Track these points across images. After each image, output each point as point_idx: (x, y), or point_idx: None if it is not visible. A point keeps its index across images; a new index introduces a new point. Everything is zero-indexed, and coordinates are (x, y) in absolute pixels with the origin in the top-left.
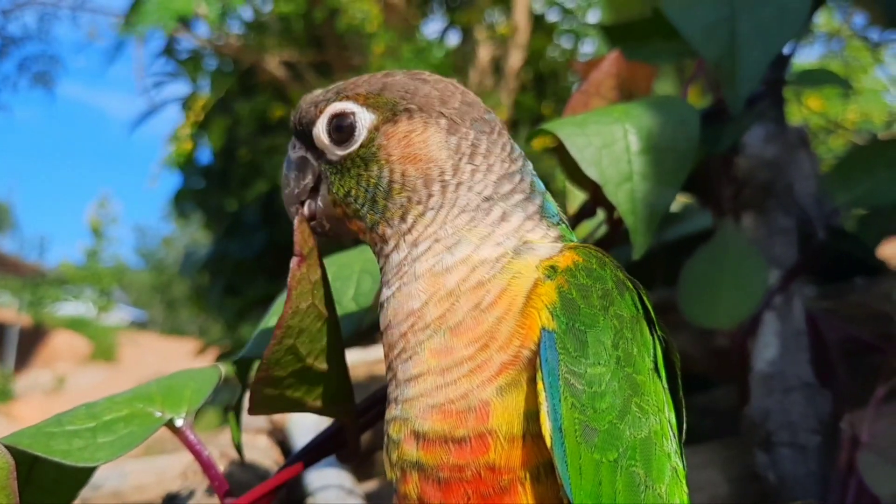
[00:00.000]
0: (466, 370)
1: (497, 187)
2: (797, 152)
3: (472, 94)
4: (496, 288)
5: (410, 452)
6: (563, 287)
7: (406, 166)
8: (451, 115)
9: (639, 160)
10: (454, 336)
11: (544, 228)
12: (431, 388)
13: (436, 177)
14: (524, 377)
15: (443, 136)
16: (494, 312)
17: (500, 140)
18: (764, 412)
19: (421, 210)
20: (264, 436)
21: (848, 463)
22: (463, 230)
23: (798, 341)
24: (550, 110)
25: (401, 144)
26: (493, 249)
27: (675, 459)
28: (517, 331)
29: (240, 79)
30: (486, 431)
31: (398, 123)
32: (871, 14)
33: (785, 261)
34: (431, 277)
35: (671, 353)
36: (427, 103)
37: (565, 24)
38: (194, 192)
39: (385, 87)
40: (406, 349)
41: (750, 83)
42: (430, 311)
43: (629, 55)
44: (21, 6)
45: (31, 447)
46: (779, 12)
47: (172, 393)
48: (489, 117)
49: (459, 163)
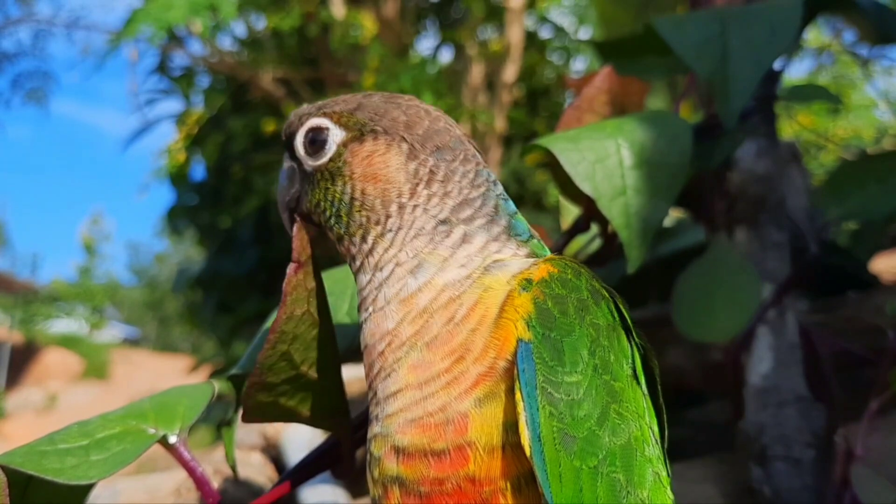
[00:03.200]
0: (443, 383)
1: (455, 212)
2: (789, 167)
3: (443, 121)
4: (468, 301)
5: (391, 468)
6: (538, 298)
7: (366, 184)
8: (413, 141)
9: (632, 175)
10: (430, 350)
11: (513, 248)
12: (410, 402)
13: (393, 198)
14: (502, 388)
15: (402, 159)
16: (468, 325)
17: (463, 168)
18: (758, 426)
19: (380, 231)
20: (258, 452)
21: (842, 477)
22: (423, 253)
23: (792, 355)
24: (543, 126)
25: (363, 163)
26: (457, 271)
27: (658, 465)
28: (492, 342)
29: (233, 95)
30: (464, 443)
31: (364, 143)
32: (861, 30)
33: (778, 275)
34: (399, 303)
35: (650, 360)
36: (392, 126)
37: (557, 41)
38: (187, 209)
39: (359, 107)
40: (384, 367)
41: (742, 98)
42: (405, 330)
43: (621, 71)
44: (15, 23)
45: (23, 466)
46: (769, 28)
47: (166, 410)
48: (454, 144)
49: (416, 187)
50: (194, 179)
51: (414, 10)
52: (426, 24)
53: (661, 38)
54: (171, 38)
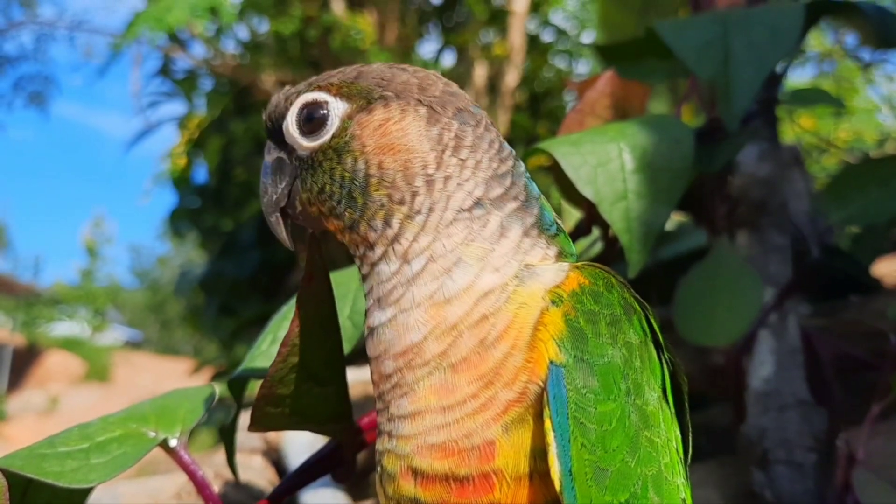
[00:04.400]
0: (470, 409)
1: (488, 189)
2: (790, 171)
3: (455, 86)
4: (502, 322)
5: (408, 489)
6: (569, 315)
7: (382, 157)
8: (432, 104)
9: (634, 179)
10: (456, 373)
11: (543, 246)
12: (431, 426)
13: (418, 170)
14: (531, 413)
15: (422, 124)
16: (501, 348)
17: (488, 135)
18: (760, 430)
19: (406, 212)
20: (259, 456)
21: (844, 481)
22: (461, 246)
23: (793, 359)
24: (545, 130)
25: (376, 134)
26: (493, 277)
27: (685, 490)
28: (524, 366)
29: (235, 98)
30: (490, 471)
31: (373, 112)
32: (862, 34)
33: (779, 278)
34: (432, 308)
35: (678, 375)
36: (405, 90)
37: (560, 45)
38: (190, 212)
39: (360, 75)
40: (401, 384)
41: (744, 101)
42: (431, 347)
43: (624, 74)
44: (17, 26)
45: (23, 469)
46: (771, 31)
47: (166, 413)
48: (475, 110)
49: (443, 155)
50: (196, 182)
51: (416, 14)
52: (429, 27)
53: (663, 42)
54: (174, 41)
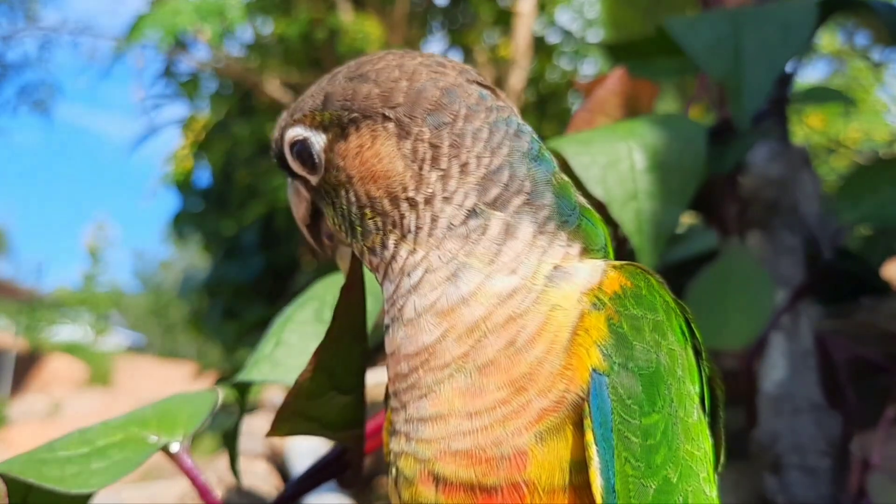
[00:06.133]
0: (500, 416)
1: (482, 193)
2: (801, 171)
3: (426, 71)
4: (533, 323)
5: (428, 495)
6: (612, 319)
7: (367, 187)
8: (398, 115)
9: (644, 178)
10: (483, 377)
11: (563, 243)
12: (456, 431)
13: (400, 194)
14: (568, 423)
15: (393, 143)
16: (533, 352)
17: (471, 126)
18: (773, 434)
19: (399, 234)
20: (263, 461)
21: (858, 486)
22: (460, 255)
23: (806, 362)
24: (552, 130)
25: (356, 163)
26: (508, 280)
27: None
28: (562, 372)
29: (239, 101)
30: (521, 482)
31: (349, 139)
32: (875, 32)
33: (791, 280)
34: (437, 315)
35: (714, 382)
36: (369, 107)
37: (566, 46)
38: (193, 215)
39: (327, 98)
40: (419, 385)
41: (756, 100)
42: (450, 348)
43: (634, 72)
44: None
45: (23, 474)
46: (782, 29)
47: (168, 417)
48: (449, 98)
49: (421, 172)
50: (200, 185)
51: (422, 14)
52: (434, 27)
53: (673, 40)
54: (177, 43)
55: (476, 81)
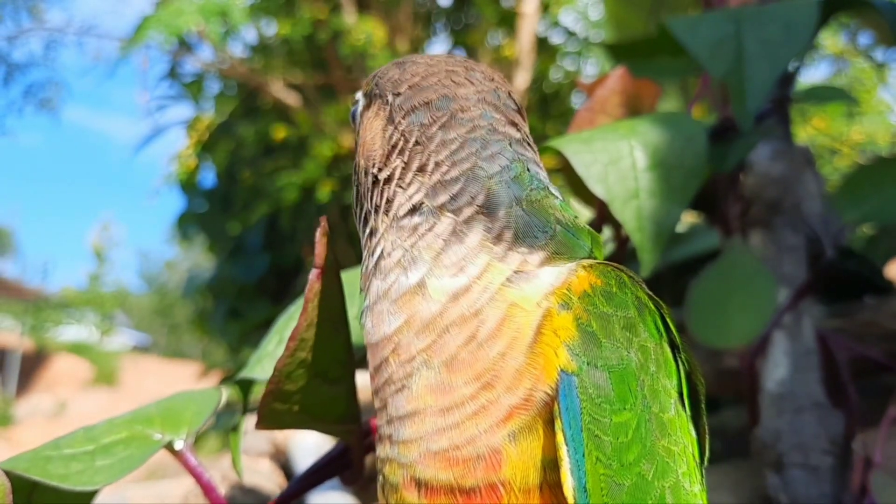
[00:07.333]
0: (470, 412)
1: (431, 196)
2: (804, 170)
3: (442, 77)
4: (492, 319)
5: (412, 500)
6: (581, 318)
7: (361, 154)
8: (394, 101)
9: (646, 177)
10: (450, 372)
11: (524, 251)
12: (431, 430)
13: (371, 169)
14: (540, 422)
15: (382, 124)
16: (495, 347)
17: (443, 135)
18: (775, 433)
19: (367, 208)
20: (266, 459)
21: (861, 484)
22: (406, 243)
23: (808, 361)
24: (555, 130)
25: (362, 130)
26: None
27: (702, 497)
28: (527, 370)
29: (243, 102)
30: (497, 482)
31: (369, 109)
32: (878, 32)
33: (794, 279)
34: (392, 303)
35: (694, 376)
36: (384, 87)
37: (569, 46)
38: (197, 216)
39: (376, 74)
40: (393, 379)
41: (758, 99)
42: (412, 342)
43: (635, 72)
44: (26, 32)
45: (27, 471)
46: (785, 28)
47: (172, 415)
48: (440, 104)
49: (390, 156)
50: (204, 186)
51: (425, 15)
52: (437, 28)
53: (675, 39)
54: (182, 45)
55: (494, 104)
